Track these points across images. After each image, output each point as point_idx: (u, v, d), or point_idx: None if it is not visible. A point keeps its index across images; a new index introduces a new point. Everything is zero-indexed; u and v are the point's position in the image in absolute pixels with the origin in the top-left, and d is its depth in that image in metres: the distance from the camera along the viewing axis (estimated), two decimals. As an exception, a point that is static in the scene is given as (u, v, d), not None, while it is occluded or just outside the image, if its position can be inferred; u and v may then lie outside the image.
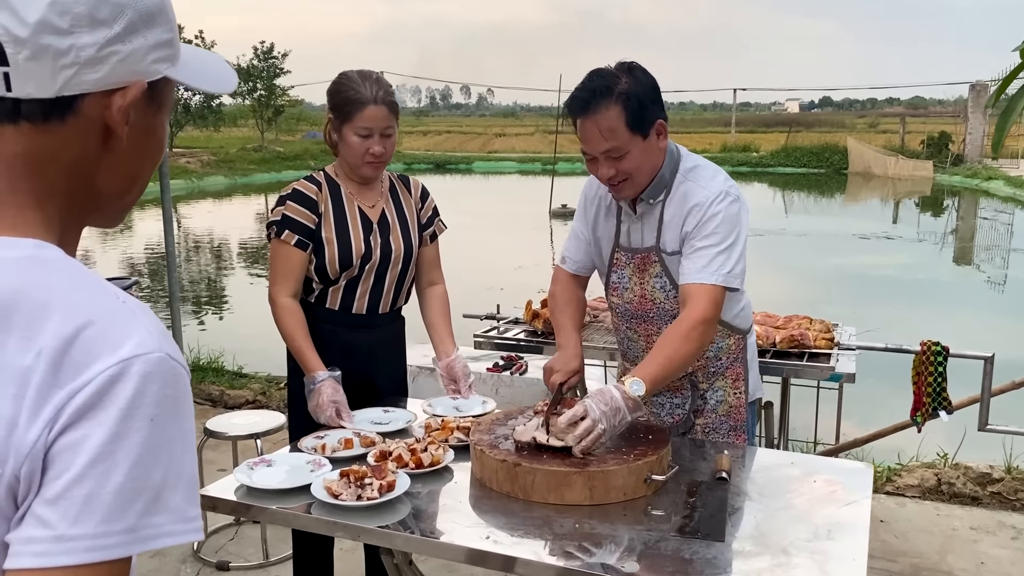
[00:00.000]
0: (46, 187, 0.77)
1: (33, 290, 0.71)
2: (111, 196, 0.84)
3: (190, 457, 0.74)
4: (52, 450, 0.68)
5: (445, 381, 2.58)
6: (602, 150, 2.09)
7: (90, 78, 0.75)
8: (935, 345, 3.09)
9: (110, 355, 0.69)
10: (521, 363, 4.50)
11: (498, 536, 1.72)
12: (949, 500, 3.88)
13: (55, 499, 0.67)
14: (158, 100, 0.83)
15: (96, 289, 0.74)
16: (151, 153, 0.85)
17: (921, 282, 12.40)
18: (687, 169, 2.22)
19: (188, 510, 0.72)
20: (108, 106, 0.77)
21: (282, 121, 36.93)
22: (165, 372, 0.71)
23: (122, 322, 0.72)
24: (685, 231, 2.17)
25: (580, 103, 2.08)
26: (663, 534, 1.72)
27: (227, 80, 0.90)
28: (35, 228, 0.76)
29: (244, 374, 5.90)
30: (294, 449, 2.21)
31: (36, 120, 0.75)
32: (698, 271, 2.11)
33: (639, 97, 2.06)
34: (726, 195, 2.15)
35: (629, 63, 2.12)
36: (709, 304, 2.09)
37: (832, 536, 1.72)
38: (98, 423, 0.68)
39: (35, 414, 0.68)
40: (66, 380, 0.68)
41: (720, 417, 2.35)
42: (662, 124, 2.14)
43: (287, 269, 2.46)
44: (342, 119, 2.42)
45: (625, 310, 2.36)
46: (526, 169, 35.08)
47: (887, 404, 4.93)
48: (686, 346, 2.06)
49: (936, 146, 31.14)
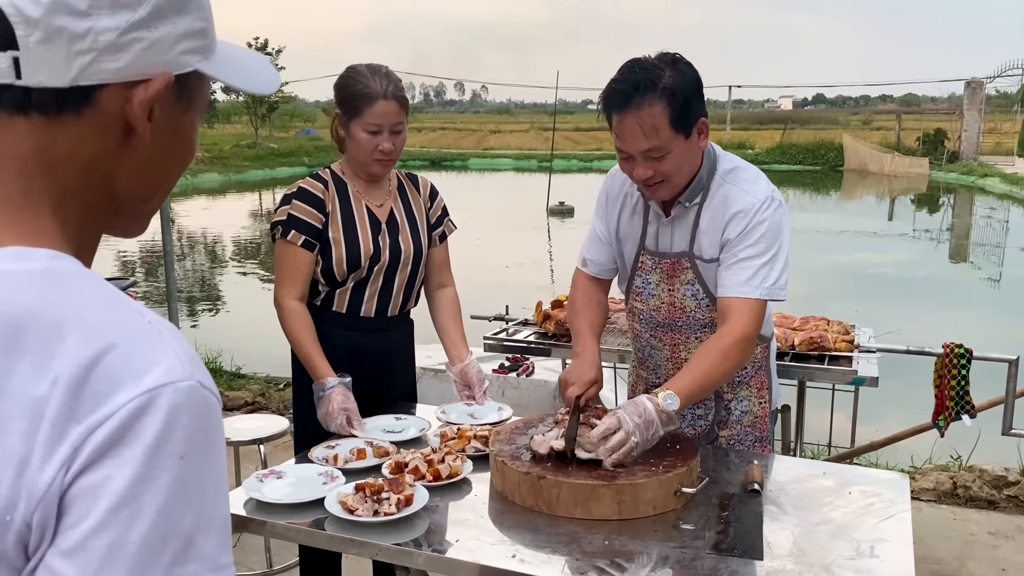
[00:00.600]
0: (60, 189, 0.68)
1: (47, 308, 0.62)
2: (133, 201, 0.74)
3: (223, 498, 0.65)
4: (69, 494, 0.59)
5: (459, 387, 2.49)
6: (642, 149, 1.94)
7: (109, 67, 0.66)
8: (958, 348, 3.01)
9: (135, 384, 0.60)
10: (528, 365, 4.41)
11: (524, 554, 1.63)
12: (965, 504, 3.81)
13: (73, 551, 0.58)
14: (188, 97, 0.74)
15: (118, 307, 0.65)
16: (178, 156, 0.76)
17: (917, 279, 12.38)
18: (726, 171, 2.08)
19: (220, 557, 0.63)
20: (129, 99, 0.68)
21: (276, 118, 36.81)
22: (196, 403, 0.63)
23: (148, 346, 0.63)
24: (726, 237, 2.04)
25: (621, 97, 1.92)
26: (697, 551, 1.63)
27: (268, 80, 0.80)
28: (50, 237, 0.68)
29: (243, 375, 5.81)
30: (302, 459, 2.12)
31: (48, 112, 0.66)
32: (741, 284, 2.00)
33: (685, 93, 1.91)
34: (771, 201, 2.03)
35: (672, 55, 1.96)
36: (751, 320, 1.98)
37: (876, 553, 1.64)
38: (122, 463, 0.59)
39: (50, 452, 0.59)
40: (85, 413, 0.59)
41: (745, 428, 2.24)
42: (704, 122, 1.99)
43: (294, 271, 2.36)
44: (350, 115, 2.32)
45: (650, 317, 2.23)
46: (522, 166, 35.01)
47: (899, 406, 4.87)
48: (725, 363, 1.96)
49: (932, 143, 31.20)
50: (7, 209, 0.67)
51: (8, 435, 0.59)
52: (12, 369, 0.60)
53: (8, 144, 0.66)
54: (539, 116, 71.70)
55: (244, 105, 35.13)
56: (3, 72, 0.64)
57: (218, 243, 15.88)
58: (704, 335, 2.15)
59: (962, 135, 30.18)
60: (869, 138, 35.93)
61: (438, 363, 4.23)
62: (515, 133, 51.96)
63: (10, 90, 0.65)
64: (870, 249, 14.74)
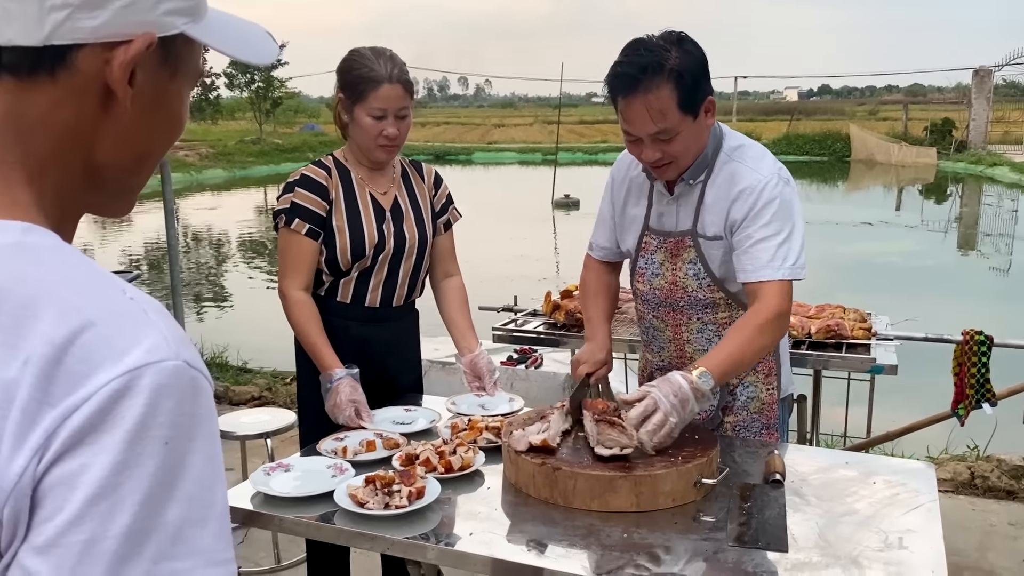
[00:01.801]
0: (35, 159, 0.63)
1: (19, 284, 0.57)
2: (114, 174, 0.69)
3: (219, 487, 0.59)
4: (42, 485, 0.54)
5: (469, 378, 2.44)
6: (650, 132, 1.90)
7: (86, 24, 0.61)
8: (978, 335, 2.94)
9: (114, 364, 0.55)
10: (536, 357, 4.36)
11: (542, 548, 1.57)
12: (984, 494, 3.75)
13: (47, 547, 0.53)
14: (174, 62, 0.68)
15: (97, 282, 0.60)
16: (164, 127, 0.70)
17: (925, 269, 12.30)
18: (731, 148, 2.04)
19: (220, 551, 0.58)
20: (108, 62, 0.63)
21: (280, 113, 36.80)
22: (182, 384, 0.57)
23: (129, 323, 0.58)
24: (734, 218, 2.00)
25: (627, 80, 1.87)
26: (720, 544, 1.58)
27: (265, 50, 0.74)
28: (24, 208, 0.62)
29: (249, 369, 5.77)
30: (308, 451, 2.07)
31: (20, 73, 0.61)
32: (763, 266, 1.94)
33: (692, 73, 1.87)
34: (778, 178, 1.98)
35: (677, 33, 1.92)
36: (782, 298, 1.93)
37: (905, 545, 1.58)
38: (100, 450, 0.54)
39: (20, 440, 0.54)
40: (60, 396, 0.54)
41: (751, 415, 2.18)
42: (711, 101, 1.95)
43: (298, 260, 2.31)
44: (354, 99, 2.26)
45: (653, 297, 2.19)
46: (526, 159, 34.93)
47: (914, 396, 4.80)
48: (760, 339, 1.91)
49: (939, 133, 31.02)
50: None
51: None
52: None
53: None
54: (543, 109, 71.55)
55: (248, 101, 35.10)
56: None
57: (223, 239, 15.85)
58: (706, 315, 2.13)
59: (970, 124, 29.98)
60: (876, 128, 35.76)
61: (445, 355, 4.19)
62: (519, 127, 51.85)
63: None
64: (878, 239, 14.66)
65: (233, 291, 11.11)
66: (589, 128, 47.93)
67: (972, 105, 29.93)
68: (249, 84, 33.61)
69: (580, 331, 3.16)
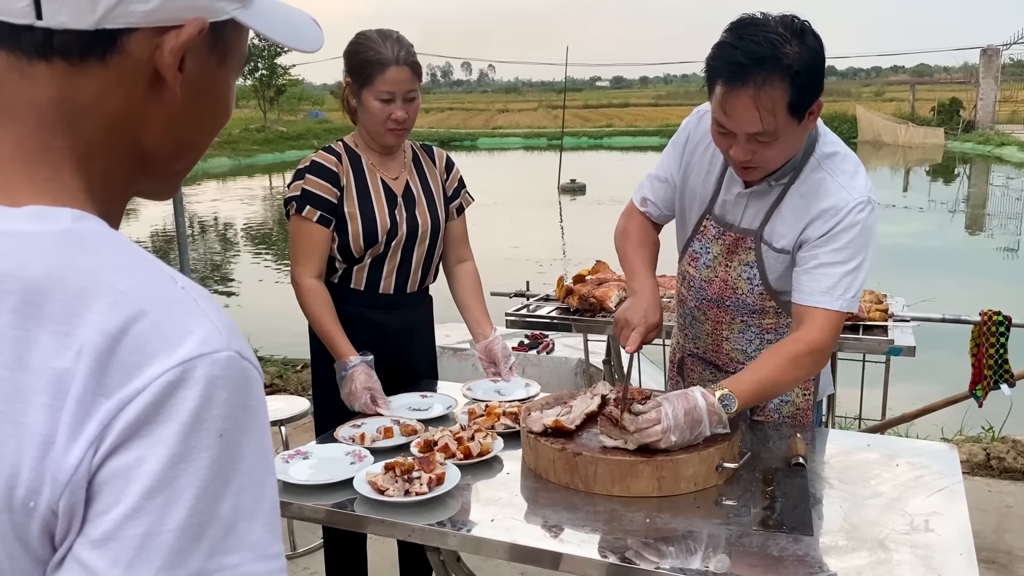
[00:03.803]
0: (84, 144, 0.62)
1: (71, 273, 0.56)
2: (162, 160, 0.68)
3: (270, 480, 0.58)
4: (98, 477, 0.53)
5: (484, 364, 2.42)
6: (751, 132, 1.71)
7: (138, 9, 0.60)
8: (996, 315, 2.92)
9: (168, 355, 0.54)
10: (548, 342, 4.34)
11: (565, 534, 1.56)
12: (1000, 475, 3.73)
13: (103, 540, 0.52)
14: (223, 48, 0.67)
15: (148, 271, 0.59)
16: (211, 113, 0.69)
17: (933, 250, 12.25)
18: (824, 155, 1.85)
19: (270, 545, 0.57)
20: (159, 46, 0.62)
21: (284, 101, 36.75)
22: (236, 375, 0.56)
23: (181, 313, 0.57)
24: (808, 235, 1.84)
25: (737, 70, 1.66)
26: (744, 528, 1.56)
27: (311, 36, 0.73)
28: (73, 195, 0.61)
29: (260, 357, 5.76)
30: (325, 439, 2.06)
31: (72, 58, 0.60)
32: (821, 293, 1.81)
33: (811, 73, 1.67)
34: (868, 203, 1.81)
35: (801, 22, 1.69)
36: (829, 332, 1.80)
37: (931, 528, 1.57)
38: (156, 442, 0.53)
39: (76, 431, 0.53)
40: (114, 387, 0.53)
41: (784, 418, 2.11)
42: (819, 104, 1.76)
43: (310, 248, 2.29)
44: (361, 83, 2.23)
45: (700, 287, 2.07)
46: (531, 144, 34.81)
47: (928, 377, 4.78)
48: (794, 372, 1.80)
49: (947, 113, 30.81)
50: (25, 165, 0.61)
51: (30, 412, 0.53)
52: (34, 340, 0.54)
53: (27, 93, 0.60)
54: (547, 94, 71.27)
55: (252, 89, 35.02)
56: (22, 11, 0.58)
57: (229, 227, 15.85)
58: (752, 319, 2.03)
59: (978, 104, 29.78)
60: (882, 109, 35.54)
61: (457, 341, 4.18)
62: (523, 112, 51.70)
63: (30, 32, 0.58)
64: (886, 220, 14.56)
65: (240, 279, 11.12)
66: (594, 112, 47.74)
67: (980, 85, 29.73)
68: (253, 72, 33.52)
69: (593, 316, 3.14)
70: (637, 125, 39.25)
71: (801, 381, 1.91)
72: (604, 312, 3.11)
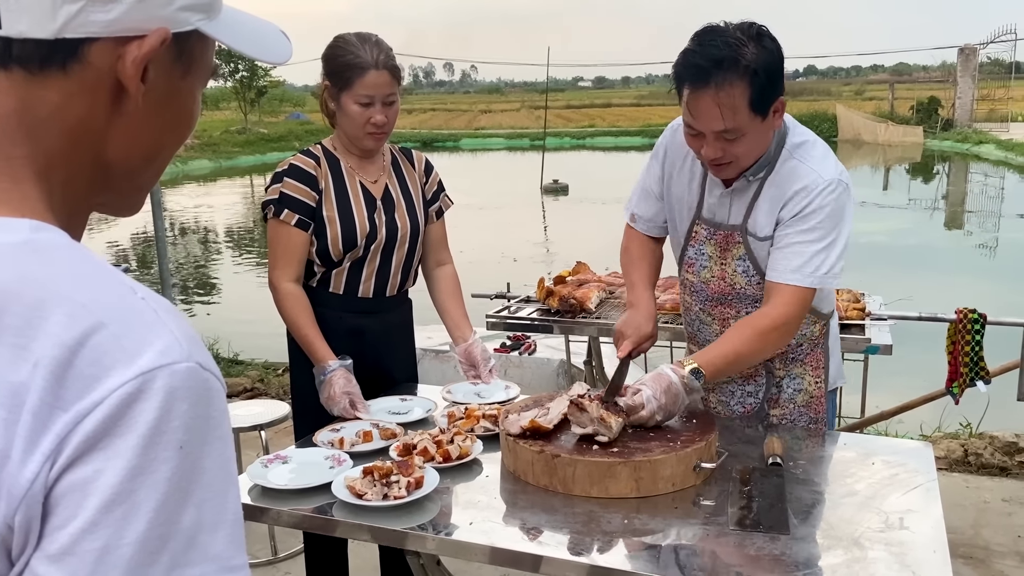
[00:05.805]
0: (44, 155, 0.62)
1: (28, 285, 0.56)
2: (124, 172, 0.67)
3: (232, 491, 0.58)
4: (55, 491, 0.52)
5: (464, 367, 2.42)
6: (716, 130, 1.80)
7: (100, 18, 0.60)
8: (972, 313, 2.95)
9: (126, 367, 0.54)
10: (529, 343, 4.35)
11: (543, 536, 1.57)
12: (977, 471, 3.77)
13: (60, 554, 0.52)
14: (187, 60, 0.67)
15: (108, 282, 0.59)
16: (175, 124, 0.69)
17: (912, 247, 12.35)
18: (795, 145, 1.94)
19: (233, 556, 0.57)
20: (121, 57, 0.62)
21: (265, 102, 36.53)
22: (196, 386, 0.56)
23: (141, 324, 0.57)
24: (782, 215, 1.92)
25: (698, 72, 1.76)
26: (721, 528, 1.57)
27: (279, 49, 0.73)
28: (32, 206, 0.61)
29: (240, 361, 5.74)
30: (304, 443, 2.05)
31: (31, 67, 0.59)
32: (791, 270, 1.89)
33: (768, 72, 1.76)
34: (838, 184, 1.89)
35: (758, 27, 1.79)
36: (796, 306, 1.88)
37: (906, 525, 1.58)
38: (114, 455, 0.52)
39: (32, 444, 0.52)
40: (71, 400, 0.53)
41: (799, 407, 2.13)
42: (782, 102, 1.85)
43: (288, 252, 2.28)
44: (340, 86, 2.22)
45: (701, 290, 2.12)
46: (514, 145, 34.82)
47: (906, 375, 4.82)
48: (758, 344, 1.89)
49: (926, 111, 31.11)
50: None
51: None
52: None
53: None
54: (530, 95, 71.35)
55: (233, 91, 34.82)
56: None
57: (210, 230, 15.75)
58: (755, 311, 2.05)
59: (956, 102, 30.08)
60: (862, 108, 35.84)
61: (438, 344, 4.17)
62: (506, 112, 51.73)
63: None
64: (866, 219, 14.69)
65: (222, 283, 11.05)
66: (576, 113, 47.81)
67: (958, 83, 30.03)
68: (233, 74, 33.32)
69: (574, 317, 3.15)
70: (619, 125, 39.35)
71: (768, 355, 1.98)
72: (584, 313, 3.11)
